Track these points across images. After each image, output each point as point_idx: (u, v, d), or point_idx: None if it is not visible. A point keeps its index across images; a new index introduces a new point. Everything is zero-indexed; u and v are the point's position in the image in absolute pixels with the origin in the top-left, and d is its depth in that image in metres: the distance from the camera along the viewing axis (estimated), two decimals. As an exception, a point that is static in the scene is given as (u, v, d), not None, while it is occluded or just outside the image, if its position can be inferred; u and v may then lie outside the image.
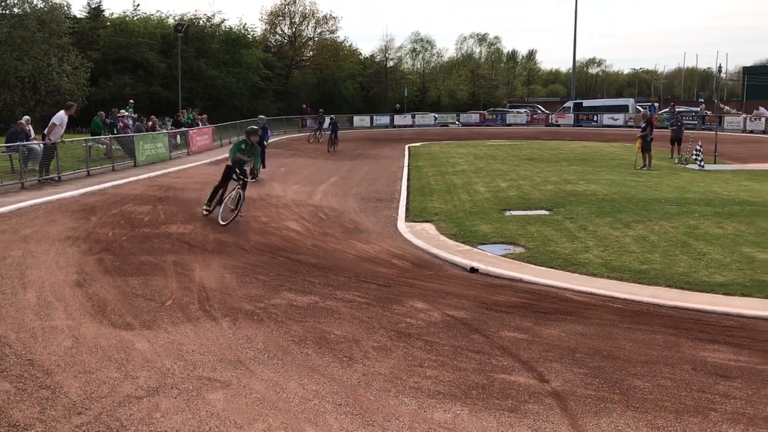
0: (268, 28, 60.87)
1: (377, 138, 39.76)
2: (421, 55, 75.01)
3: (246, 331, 6.39)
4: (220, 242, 10.50)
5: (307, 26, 61.35)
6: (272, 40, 61.31)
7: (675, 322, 7.00)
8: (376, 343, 6.14)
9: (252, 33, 55.98)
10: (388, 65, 68.12)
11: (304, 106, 50.79)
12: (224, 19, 58.18)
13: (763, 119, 41.31)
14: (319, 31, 61.51)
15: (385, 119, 52.01)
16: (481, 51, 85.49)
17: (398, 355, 5.87)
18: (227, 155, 13.79)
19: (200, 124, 31.57)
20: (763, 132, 39.76)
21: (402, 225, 12.58)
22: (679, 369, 5.61)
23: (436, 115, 54.00)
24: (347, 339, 6.25)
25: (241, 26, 54.83)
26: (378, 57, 68.49)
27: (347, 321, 6.80)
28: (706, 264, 9.11)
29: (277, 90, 56.05)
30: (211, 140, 29.62)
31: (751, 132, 40.25)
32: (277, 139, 35.93)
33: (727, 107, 59.04)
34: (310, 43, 62.09)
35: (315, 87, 58.70)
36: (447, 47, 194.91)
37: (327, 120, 35.33)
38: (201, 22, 50.96)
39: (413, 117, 52.97)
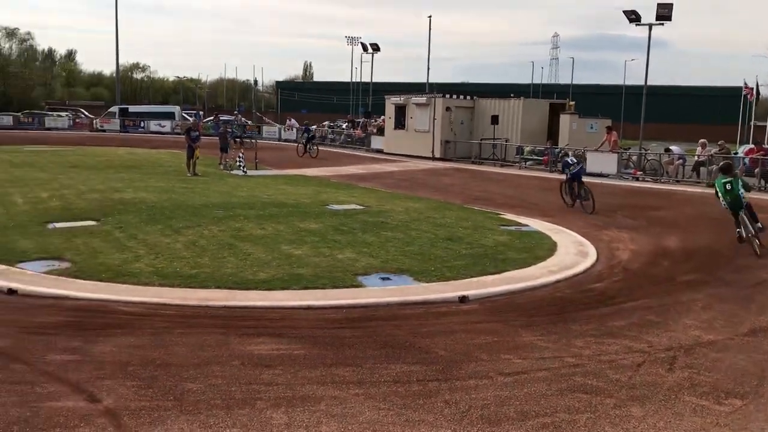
0: None
1: None
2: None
3: None
4: None
5: None
6: None
7: (225, 321, 7.42)
8: None
9: None
10: None
11: None
12: None
13: (294, 129, 46.15)
14: None
15: None
16: (11, 47, 77.53)
17: None
18: None
19: None
20: (295, 141, 44.41)
21: None
22: (229, 366, 5.96)
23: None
24: None
25: None
26: None
27: None
28: (251, 263, 9.83)
29: None
30: None
31: (286, 141, 44.59)
32: None
33: (265, 117, 64.26)
34: None
35: None
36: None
37: None
38: None
39: None
